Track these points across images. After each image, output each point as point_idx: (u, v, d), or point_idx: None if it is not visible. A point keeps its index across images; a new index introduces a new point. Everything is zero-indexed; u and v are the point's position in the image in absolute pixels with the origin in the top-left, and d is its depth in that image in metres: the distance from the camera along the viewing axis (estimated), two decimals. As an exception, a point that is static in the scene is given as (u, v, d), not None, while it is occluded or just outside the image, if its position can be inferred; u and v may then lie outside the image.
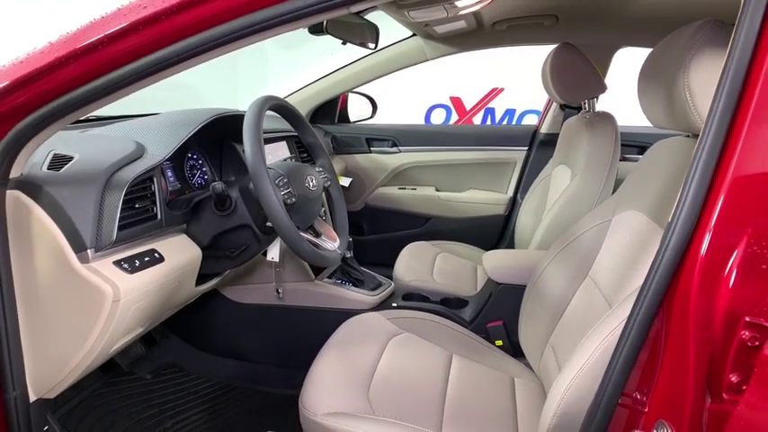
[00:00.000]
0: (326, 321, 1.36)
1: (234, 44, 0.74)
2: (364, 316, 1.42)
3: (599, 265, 1.17)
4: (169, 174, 1.21)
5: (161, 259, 1.01)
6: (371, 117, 2.58)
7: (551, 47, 1.74)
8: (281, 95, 2.30)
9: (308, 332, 1.31)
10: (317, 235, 1.22)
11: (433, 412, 1.11)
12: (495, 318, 1.54)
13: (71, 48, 0.76)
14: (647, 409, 0.68)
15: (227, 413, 1.53)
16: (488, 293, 1.60)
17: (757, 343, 0.58)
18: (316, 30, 1.51)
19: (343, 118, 2.53)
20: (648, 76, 1.03)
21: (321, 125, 2.39)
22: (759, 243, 0.60)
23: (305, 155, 1.76)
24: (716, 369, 0.61)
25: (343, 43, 1.48)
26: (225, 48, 0.74)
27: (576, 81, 1.70)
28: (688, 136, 1.03)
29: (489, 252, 1.65)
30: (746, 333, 0.59)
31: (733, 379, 0.60)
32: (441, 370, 1.26)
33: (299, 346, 1.24)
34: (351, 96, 2.54)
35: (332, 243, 1.20)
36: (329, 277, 1.67)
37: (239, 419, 1.51)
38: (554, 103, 2.24)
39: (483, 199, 2.39)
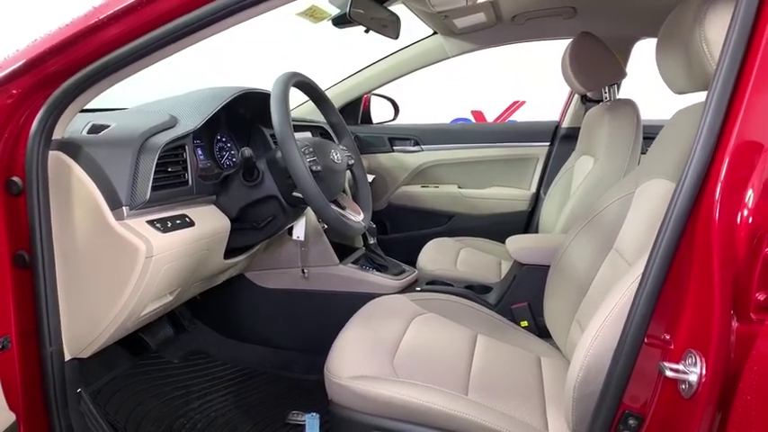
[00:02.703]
0: (351, 305, 1.37)
1: None
2: (388, 297, 1.42)
3: (624, 236, 1.16)
4: (199, 152, 1.25)
5: (192, 224, 1.05)
6: (394, 119, 2.63)
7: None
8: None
9: (333, 316, 1.32)
10: (342, 209, 1.25)
11: (460, 379, 1.10)
12: (520, 299, 1.52)
13: (112, 9, 0.82)
14: (673, 344, 0.68)
15: (253, 396, 1.54)
16: (512, 276, 1.59)
17: (784, 257, 0.57)
18: (340, 21, 1.56)
19: (366, 119, 2.58)
20: (666, 38, 1.04)
21: (345, 126, 2.45)
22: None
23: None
24: (742, 289, 0.60)
25: (366, 31, 1.52)
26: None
27: (596, 68, 1.71)
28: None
29: (513, 236, 1.64)
30: (773, 248, 0.59)
31: (760, 297, 0.59)
32: (465, 347, 1.25)
33: (323, 330, 1.25)
34: (373, 99, 2.59)
35: (356, 216, 1.23)
36: (354, 263, 1.68)
37: (264, 402, 1.52)
38: (575, 98, 2.25)
39: (506, 195, 2.38)
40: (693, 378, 0.63)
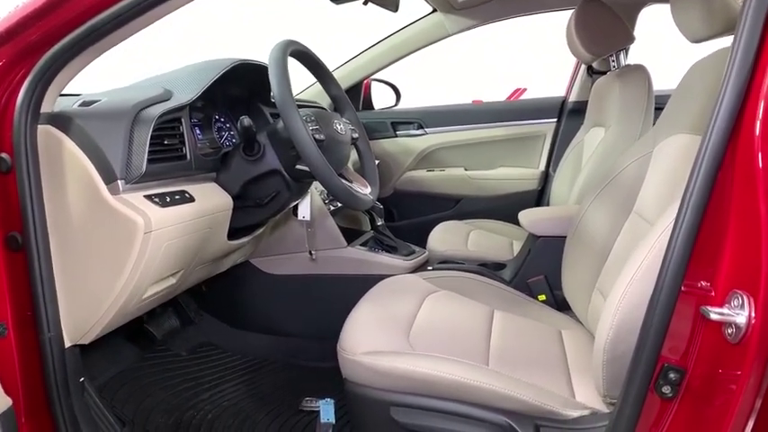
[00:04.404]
0: (361, 288, 1.32)
1: None
2: (399, 276, 1.38)
3: (644, 197, 1.11)
4: (198, 132, 1.21)
5: (192, 199, 1.00)
6: (396, 105, 2.57)
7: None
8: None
9: (343, 300, 1.27)
10: (349, 182, 1.20)
11: (479, 351, 1.05)
12: (537, 273, 1.47)
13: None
14: (714, 289, 0.62)
15: (264, 385, 1.49)
16: (527, 250, 1.53)
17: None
18: (336, -3, 1.51)
19: (368, 105, 2.53)
20: None
21: (345, 112, 2.39)
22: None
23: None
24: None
25: (365, 3, 1.47)
26: None
27: (603, 34, 1.65)
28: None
29: (525, 210, 1.59)
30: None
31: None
32: (483, 322, 1.20)
33: (334, 315, 1.20)
34: (374, 85, 2.54)
35: (365, 189, 1.18)
36: (362, 245, 1.63)
37: (276, 391, 1.47)
38: (581, 70, 2.19)
39: (514, 175, 2.33)
40: (741, 320, 0.57)
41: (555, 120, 2.27)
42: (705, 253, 0.64)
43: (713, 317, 0.59)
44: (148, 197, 0.92)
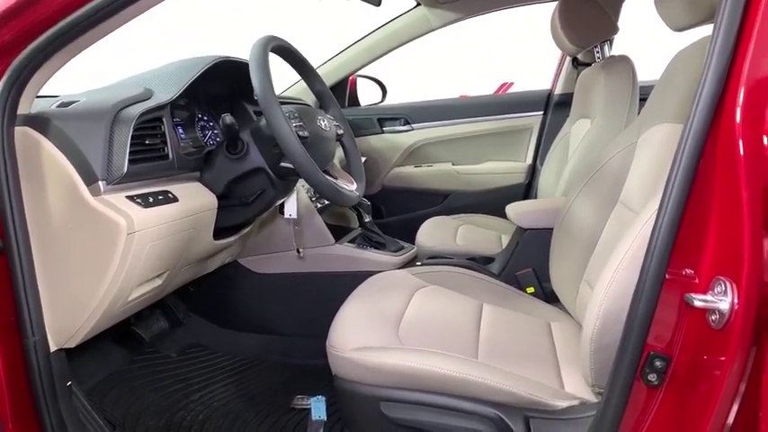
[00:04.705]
0: (350, 285, 1.32)
1: None
2: (388, 272, 1.38)
3: (629, 187, 1.11)
4: (180, 131, 1.19)
5: (175, 199, 0.99)
6: (382, 101, 2.56)
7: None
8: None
9: (332, 298, 1.27)
10: (334, 179, 1.19)
11: (469, 345, 1.05)
12: (525, 265, 1.47)
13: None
14: (698, 276, 0.63)
15: (255, 385, 1.48)
16: (515, 243, 1.54)
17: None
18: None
19: (354, 101, 2.52)
20: None
21: (332, 109, 2.38)
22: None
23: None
24: (772, 204, 0.55)
25: (348, -2, 1.46)
26: None
27: (586, 25, 1.65)
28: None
29: (512, 203, 1.59)
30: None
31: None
32: (472, 316, 1.20)
33: (323, 313, 1.20)
34: (359, 81, 2.53)
35: (351, 185, 1.17)
36: (350, 242, 1.63)
37: (267, 390, 1.46)
38: (566, 63, 2.19)
39: (502, 169, 2.33)
40: (724, 306, 0.58)
41: (541, 113, 2.27)
42: (688, 241, 0.65)
43: (697, 304, 0.59)
44: (131, 198, 0.91)
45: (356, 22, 2.28)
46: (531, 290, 1.44)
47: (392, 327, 1.08)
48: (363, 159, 2.26)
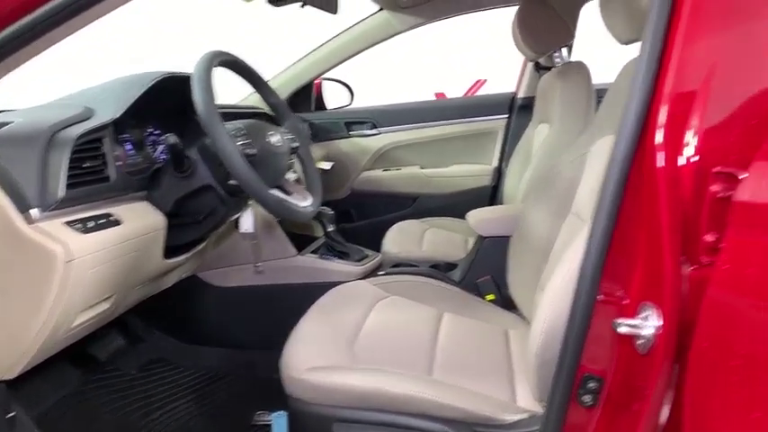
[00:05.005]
0: (312, 296, 1.31)
1: None
2: (349, 284, 1.37)
3: (580, 198, 1.12)
4: (129, 147, 1.16)
5: (117, 222, 0.97)
6: (350, 104, 2.55)
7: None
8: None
9: (294, 310, 1.26)
10: (288, 194, 1.18)
11: (424, 360, 1.06)
12: (484, 273, 1.48)
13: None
14: (628, 298, 0.63)
15: (216, 401, 1.47)
16: (476, 250, 1.55)
17: (729, 193, 0.53)
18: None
19: (320, 105, 2.50)
20: None
21: (297, 113, 2.36)
22: (719, 91, 0.56)
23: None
24: (691, 231, 0.56)
25: (302, 5, 1.44)
26: None
27: (543, 31, 1.67)
28: None
29: (473, 210, 1.60)
30: (717, 185, 0.54)
31: (709, 239, 0.55)
32: (430, 326, 1.20)
33: (286, 325, 1.19)
34: (326, 84, 2.51)
35: (304, 201, 1.16)
36: (313, 252, 1.62)
37: (228, 406, 1.45)
38: (529, 66, 2.21)
39: (468, 172, 2.34)
40: (649, 332, 0.59)
41: (506, 116, 2.29)
42: (619, 263, 0.66)
43: (622, 330, 0.60)
44: (69, 223, 0.88)
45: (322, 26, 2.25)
46: (490, 297, 1.45)
47: (348, 344, 1.08)
48: (330, 165, 2.26)
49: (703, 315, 0.55)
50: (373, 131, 2.40)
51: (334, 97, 2.57)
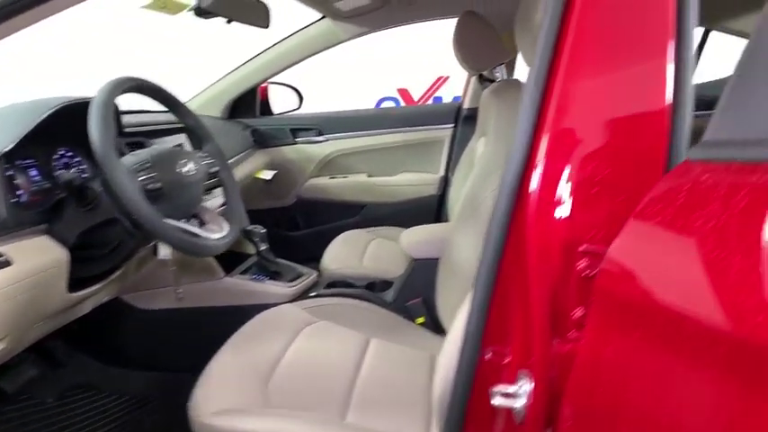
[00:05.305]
0: (240, 319, 1.28)
1: None
2: (276, 308, 1.34)
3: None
4: (33, 172, 1.09)
5: (7, 263, 0.91)
6: (298, 108, 2.49)
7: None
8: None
9: (221, 333, 1.23)
10: (202, 224, 1.13)
11: (340, 399, 1.04)
12: (415, 295, 1.48)
13: None
14: (508, 365, 0.63)
15: (143, 427, 1.42)
16: (408, 272, 1.54)
17: (594, 272, 0.53)
18: (201, 11, 1.42)
19: (267, 110, 2.44)
20: (520, 21, 0.99)
21: (241, 119, 2.29)
22: (586, 167, 0.55)
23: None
24: (560, 306, 0.56)
25: (228, 22, 1.38)
26: None
27: (480, 48, 1.65)
28: None
29: (408, 229, 1.59)
30: (583, 262, 0.54)
31: (576, 315, 0.55)
32: (355, 355, 1.19)
33: (213, 349, 1.16)
34: (273, 88, 2.45)
35: (218, 232, 1.12)
36: (244, 272, 1.58)
37: (155, 433, 1.41)
38: (474, 77, 2.20)
39: (415, 180, 2.33)
40: (522, 402, 0.58)
41: (452, 125, 2.28)
42: (501, 325, 0.65)
43: (497, 401, 0.59)
44: None
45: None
46: (420, 320, 1.45)
47: (262, 382, 1.05)
48: (272, 174, 2.21)
49: (570, 389, 0.54)
50: (320, 138, 2.36)
51: (282, 101, 2.51)
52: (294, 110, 2.48)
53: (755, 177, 0.39)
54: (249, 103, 2.33)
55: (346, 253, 1.86)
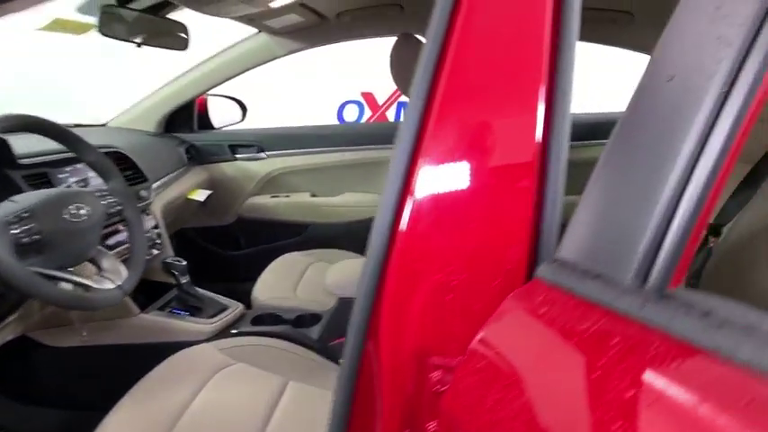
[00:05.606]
0: (155, 358, 1.20)
1: None
2: (190, 349, 1.27)
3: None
4: None
5: None
6: (241, 121, 2.40)
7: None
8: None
9: (136, 372, 1.16)
10: (99, 270, 1.05)
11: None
12: (340, 334, 1.42)
13: None
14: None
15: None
16: (332, 311, 1.49)
17: (444, 387, 0.48)
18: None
19: (206, 124, 2.34)
20: None
21: (177, 134, 2.19)
22: (444, 270, 0.50)
23: (130, 172, 1.56)
24: (415, 419, 0.51)
25: (138, 45, 1.30)
26: None
27: (412, 70, 1.61)
28: None
29: (337, 264, 1.54)
30: (435, 375, 0.49)
31: (431, 427, 0.50)
32: (270, 399, 1.13)
33: (126, 388, 1.09)
34: (213, 100, 2.35)
35: (113, 282, 1.04)
36: (162, 308, 1.49)
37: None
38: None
39: (360, 202, 2.28)
40: None
41: (398, 145, 2.23)
42: (366, 410, 0.60)
43: None
44: None
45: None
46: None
47: None
48: (206, 195, 2.11)
49: None
50: (261, 155, 2.28)
51: (222, 113, 2.41)
52: (237, 122, 2.39)
53: (586, 326, 0.35)
54: (186, 117, 2.22)
55: (279, 280, 1.80)
